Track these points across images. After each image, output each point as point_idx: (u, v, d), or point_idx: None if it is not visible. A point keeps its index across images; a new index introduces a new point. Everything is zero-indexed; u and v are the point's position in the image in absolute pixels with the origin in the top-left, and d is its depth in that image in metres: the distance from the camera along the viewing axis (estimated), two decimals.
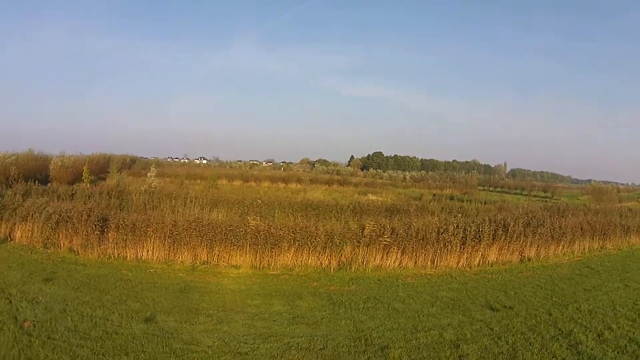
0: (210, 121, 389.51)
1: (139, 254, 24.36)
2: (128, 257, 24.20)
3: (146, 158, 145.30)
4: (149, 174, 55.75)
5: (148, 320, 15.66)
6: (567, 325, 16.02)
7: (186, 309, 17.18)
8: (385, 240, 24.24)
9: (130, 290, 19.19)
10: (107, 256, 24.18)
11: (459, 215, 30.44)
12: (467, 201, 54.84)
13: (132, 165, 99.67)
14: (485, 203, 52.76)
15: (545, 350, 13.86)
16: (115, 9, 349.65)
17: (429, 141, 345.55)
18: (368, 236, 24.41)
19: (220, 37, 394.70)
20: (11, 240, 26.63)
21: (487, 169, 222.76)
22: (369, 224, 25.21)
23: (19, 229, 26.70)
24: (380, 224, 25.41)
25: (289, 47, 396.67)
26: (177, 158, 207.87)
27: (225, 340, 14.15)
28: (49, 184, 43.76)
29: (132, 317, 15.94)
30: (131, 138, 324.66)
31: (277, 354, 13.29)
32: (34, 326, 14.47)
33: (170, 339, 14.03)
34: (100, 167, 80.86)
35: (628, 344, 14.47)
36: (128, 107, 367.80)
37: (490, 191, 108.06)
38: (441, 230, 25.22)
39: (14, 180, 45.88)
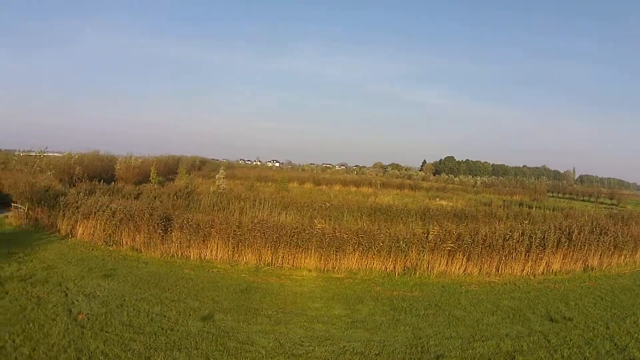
0: (280, 124, 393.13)
1: (202, 254, 24.65)
2: (191, 257, 24.52)
3: (217, 160, 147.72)
4: (217, 176, 56.15)
5: (205, 319, 15.76)
6: (623, 340, 15.45)
7: (245, 309, 17.24)
8: (449, 246, 23.84)
9: (191, 288, 19.41)
10: (170, 255, 24.56)
11: (526, 222, 29.58)
12: (535, 207, 53.27)
13: (202, 167, 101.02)
14: (553, 210, 51.16)
15: None
16: (183, 15, 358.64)
17: (499, 146, 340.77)
18: (432, 241, 24.03)
19: (283, 42, 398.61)
20: (72, 237, 27.31)
21: (556, 174, 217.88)
22: (434, 229, 24.80)
23: (81, 226, 27.36)
24: (445, 229, 24.99)
25: (350, 51, 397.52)
26: (249, 160, 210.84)
27: (281, 342, 14.08)
28: (113, 183, 44.63)
29: (190, 315, 16.11)
30: (203, 140, 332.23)
31: (331, 358, 13.14)
32: (88, 319, 14.87)
33: (226, 338, 14.06)
34: (169, 169, 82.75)
35: None
36: (197, 110, 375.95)
37: (559, 197, 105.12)
38: (507, 237, 24.61)
39: (78, 179, 47.17)
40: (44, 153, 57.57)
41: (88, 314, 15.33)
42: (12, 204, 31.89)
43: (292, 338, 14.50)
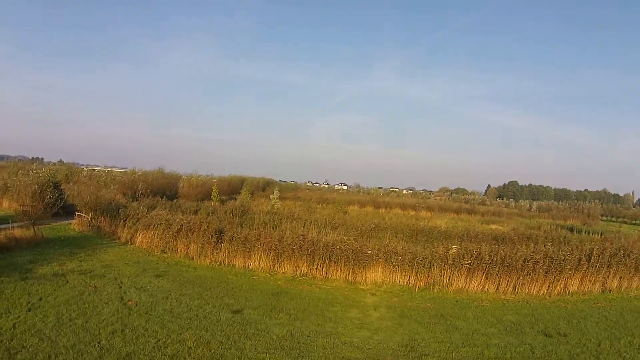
0: (351, 147, 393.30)
1: (247, 264, 27.80)
2: (237, 265, 27.73)
3: (284, 182, 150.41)
4: (271, 196, 58.86)
5: (235, 312, 18.80)
6: (608, 358, 16.21)
7: (272, 307, 20.07)
8: (467, 263, 25.54)
9: (230, 290, 22.53)
10: (218, 263, 27.94)
11: (549, 244, 30.65)
12: (584, 232, 52.89)
13: (266, 187, 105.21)
14: (600, 234, 50.48)
15: None
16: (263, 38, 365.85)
17: (562, 170, 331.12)
18: (452, 259, 25.87)
19: (360, 63, 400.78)
20: (131, 244, 31.19)
21: (616, 198, 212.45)
22: (453, 247, 26.75)
23: (140, 235, 31.15)
24: (464, 248, 26.81)
25: (425, 74, 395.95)
26: (317, 183, 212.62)
27: (292, 333, 16.82)
28: (175, 200, 47.93)
29: (223, 308, 19.18)
30: (275, 162, 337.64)
31: (330, 347, 15.67)
32: (136, 305, 18.35)
33: (247, 326, 17.03)
34: (233, 188, 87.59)
35: None
36: (271, 132, 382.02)
37: (612, 221, 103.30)
38: (527, 258, 25.87)
39: (141, 194, 51.36)
40: (109, 169, 62.00)
41: (137, 301, 18.78)
42: (76, 213, 35.99)
43: (303, 331, 17.13)
